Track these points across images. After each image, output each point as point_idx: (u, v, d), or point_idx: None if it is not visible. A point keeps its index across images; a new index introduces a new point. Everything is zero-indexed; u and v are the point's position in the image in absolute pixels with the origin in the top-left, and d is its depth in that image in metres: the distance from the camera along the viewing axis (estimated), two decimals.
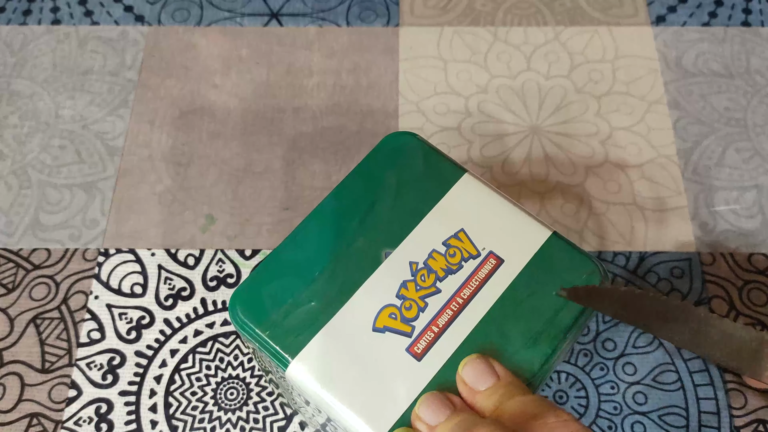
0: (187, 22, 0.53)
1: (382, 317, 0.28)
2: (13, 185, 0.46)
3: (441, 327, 0.28)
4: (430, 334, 0.28)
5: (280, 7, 0.53)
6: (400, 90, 0.49)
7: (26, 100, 0.49)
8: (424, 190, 0.31)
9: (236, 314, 0.28)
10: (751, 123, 0.48)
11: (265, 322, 0.28)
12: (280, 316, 0.28)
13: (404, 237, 0.29)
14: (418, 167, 0.31)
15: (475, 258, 0.29)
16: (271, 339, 0.28)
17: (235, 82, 0.50)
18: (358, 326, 0.28)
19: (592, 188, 0.46)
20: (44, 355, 0.41)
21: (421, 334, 0.27)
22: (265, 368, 0.33)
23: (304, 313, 0.28)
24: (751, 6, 0.53)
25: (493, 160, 0.47)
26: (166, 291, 0.43)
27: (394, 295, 0.28)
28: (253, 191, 0.46)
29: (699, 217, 0.45)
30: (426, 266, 0.29)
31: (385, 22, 0.53)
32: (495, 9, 0.53)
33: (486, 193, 0.31)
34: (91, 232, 0.45)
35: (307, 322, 0.28)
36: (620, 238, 0.44)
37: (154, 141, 0.48)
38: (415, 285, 0.28)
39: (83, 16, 0.53)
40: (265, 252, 0.44)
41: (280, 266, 0.29)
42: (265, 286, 0.29)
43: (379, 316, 0.28)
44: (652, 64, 0.50)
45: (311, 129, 0.48)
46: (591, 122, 0.48)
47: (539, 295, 0.28)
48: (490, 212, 0.30)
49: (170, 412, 0.39)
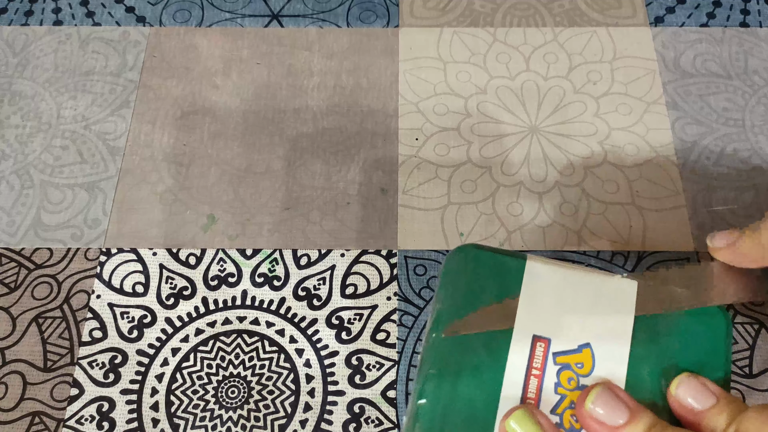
0: (189, 23, 0.53)
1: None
2: (15, 185, 0.46)
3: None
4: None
5: (280, 9, 0.54)
6: (400, 90, 0.50)
7: (28, 100, 0.50)
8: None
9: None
10: (749, 123, 0.48)
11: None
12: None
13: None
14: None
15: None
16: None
17: (236, 83, 0.50)
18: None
19: (591, 188, 0.46)
20: (46, 353, 0.41)
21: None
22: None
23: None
24: (749, 7, 0.53)
25: (492, 160, 0.47)
26: (168, 290, 0.43)
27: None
28: (254, 191, 0.46)
29: (697, 217, 0.45)
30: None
31: (385, 23, 0.53)
32: (494, 10, 0.53)
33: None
34: (93, 231, 0.45)
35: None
36: (618, 238, 0.44)
37: (156, 141, 0.48)
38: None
39: (85, 17, 0.53)
40: (265, 252, 0.44)
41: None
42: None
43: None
44: (651, 65, 0.51)
45: (312, 129, 0.48)
46: (590, 122, 0.48)
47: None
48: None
49: (172, 411, 0.40)
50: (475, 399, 0.28)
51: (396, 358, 0.41)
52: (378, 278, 0.43)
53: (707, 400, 0.26)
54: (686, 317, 0.30)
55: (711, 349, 0.29)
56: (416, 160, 0.47)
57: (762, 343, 0.41)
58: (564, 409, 0.28)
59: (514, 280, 0.31)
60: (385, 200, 0.46)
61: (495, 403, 0.28)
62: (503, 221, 0.45)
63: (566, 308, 0.30)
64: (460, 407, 0.29)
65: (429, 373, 0.29)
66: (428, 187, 0.46)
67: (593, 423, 0.26)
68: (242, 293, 0.43)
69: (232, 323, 0.42)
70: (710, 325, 0.30)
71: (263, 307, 0.42)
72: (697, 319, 0.30)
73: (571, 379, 0.29)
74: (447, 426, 0.28)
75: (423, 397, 0.29)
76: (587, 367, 0.29)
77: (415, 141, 0.48)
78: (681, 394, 0.27)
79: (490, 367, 0.29)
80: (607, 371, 0.28)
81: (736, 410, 0.25)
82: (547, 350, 0.29)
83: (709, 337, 0.30)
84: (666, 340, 0.29)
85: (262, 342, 0.41)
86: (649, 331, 0.29)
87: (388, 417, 0.39)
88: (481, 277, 0.31)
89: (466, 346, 0.29)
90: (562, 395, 0.28)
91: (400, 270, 0.43)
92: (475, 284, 0.31)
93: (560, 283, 0.30)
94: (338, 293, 0.43)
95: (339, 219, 0.45)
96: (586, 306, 0.30)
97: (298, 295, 0.43)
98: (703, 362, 0.29)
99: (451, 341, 0.30)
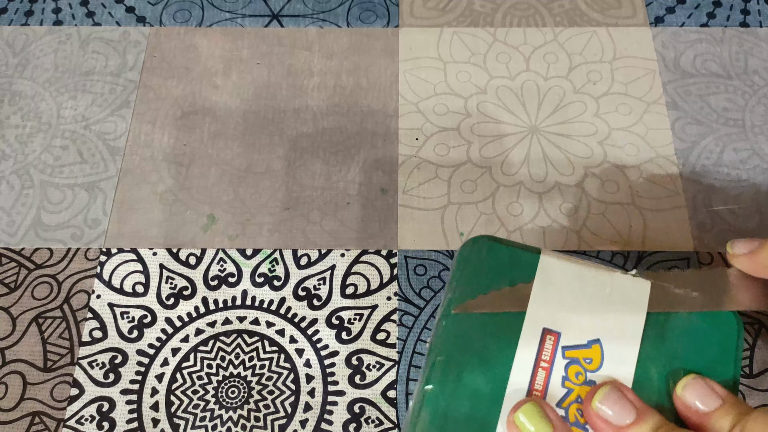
0: (189, 23, 0.53)
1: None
2: (15, 185, 0.46)
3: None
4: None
5: (280, 8, 0.54)
6: (400, 90, 0.50)
7: (28, 100, 0.50)
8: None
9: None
10: (749, 123, 0.48)
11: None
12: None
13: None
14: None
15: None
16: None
17: (236, 83, 0.50)
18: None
19: (591, 188, 0.46)
20: (46, 353, 0.41)
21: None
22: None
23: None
24: (749, 7, 0.53)
25: (492, 160, 0.47)
26: (168, 290, 0.43)
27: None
28: (254, 191, 0.46)
29: (697, 216, 0.45)
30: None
31: (385, 23, 0.53)
32: (494, 10, 0.53)
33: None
34: (93, 231, 0.45)
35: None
36: (618, 238, 0.44)
37: (156, 141, 0.48)
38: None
39: (85, 17, 0.53)
40: (265, 252, 0.44)
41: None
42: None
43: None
44: (651, 65, 0.51)
45: (312, 129, 0.48)
46: (589, 122, 0.48)
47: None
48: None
49: (172, 411, 0.40)
50: (482, 388, 0.29)
51: (396, 358, 0.41)
52: (378, 278, 0.43)
53: (713, 402, 0.26)
54: (698, 319, 0.30)
55: (721, 351, 0.29)
56: (416, 160, 0.47)
57: (762, 343, 0.41)
58: (570, 403, 0.28)
59: (527, 272, 0.31)
60: (385, 200, 0.46)
61: (501, 393, 0.28)
62: (503, 221, 0.45)
63: (578, 303, 0.30)
64: (466, 395, 0.29)
65: (437, 360, 0.30)
66: (428, 187, 0.46)
67: (600, 422, 0.26)
68: (242, 293, 0.43)
69: (232, 323, 0.42)
70: (721, 328, 0.30)
71: (263, 307, 0.42)
72: (709, 322, 0.30)
73: (579, 373, 0.29)
74: (452, 412, 0.28)
75: (430, 383, 0.29)
76: (596, 362, 0.29)
77: (415, 141, 0.48)
78: (687, 396, 0.27)
79: (499, 357, 0.29)
80: (616, 368, 0.29)
81: (742, 412, 0.25)
82: (557, 344, 0.29)
83: (719, 339, 0.30)
84: (676, 340, 0.29)
85: (262, 342, 0.41)
86: (659, 331, 0.29)
87: (389, 417, 0.39)
88: (494, 268, 0.31)
89: (475, 335, 0.30)
90: (569, 389, 0.28)
91: (400, 270, 0.43)
92: (488, 275, 0.31)
93: (573, 278, 0.30)
94: (338, 293, 0.43)
95: (339, 219, 0.45)
96: (598, 302, 0.30)
97: (298, 295, 0.43)
98: (713, 365, 0.29)
99: (461, 329, 0.30)
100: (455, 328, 0.30)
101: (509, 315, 0.30)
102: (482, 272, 0.32)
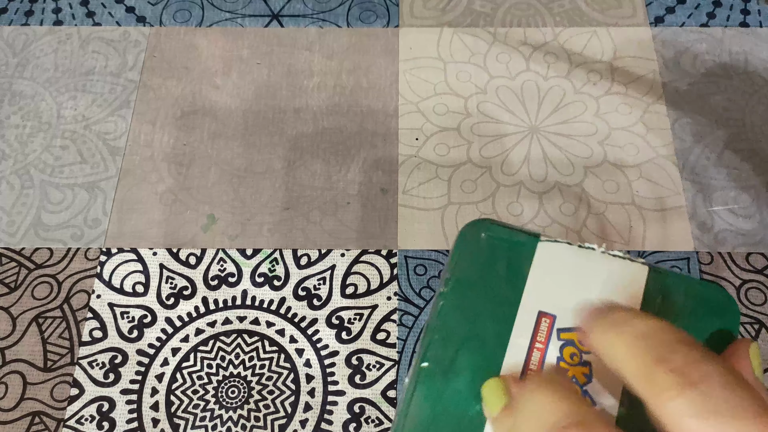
0: (189, 23, 0.53)
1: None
2: (16, 185, 0.46)
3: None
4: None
5: (280, 8, 0.54)
6: (400, 90, 0.50)
7: (28, 100, 0.50)
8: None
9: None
10: (749, 123, 0.48)
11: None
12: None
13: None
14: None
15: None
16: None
17: (236, 83, 0.50)
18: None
19: (591, 188, 0.46)
20: (46, 353, 0.41)
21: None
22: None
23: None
24: (749, 7, 0.53)
25: (492, 160, 0.47)
26: (168, 290, 0.43)
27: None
28: (254, 191, 0.46)
29: (697, 216, 0.45)
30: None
31: (385, 23, 0.53)
32: (494, 10, 0.53)
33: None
34: (93, 231, 0.45)
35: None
36: (618, 238, 0.44)
37: (156, 141, 0.48)
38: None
39: (85, 17, 0.53)
40: (265, 251, 0.44)
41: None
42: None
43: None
44: (651, 65, 0.51)
45: (312, 129, 0.48)
46: (590, 122, 0.48)
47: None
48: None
49: (172, 410, 0.40)
50: (478, 367, 0.29)
51: (396, 357, 0.41)
52: (378, 278, 0.43)
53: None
54: (695, 303, 0.31)
55: (718, 335, 0.30)
56: (416, 160, 0.47)
57: (762, 343, 0.41)
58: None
59: (526, 256, 0.32)
60: (385, 200, 0.46)
61: (497, 372, 0.29)
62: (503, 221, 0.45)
63: (575, 287, 0.31)
64: (462, 373, 0.29)
65: (434, 339, 0.31)
66: (428, 187, 0.46)
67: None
68: (242, 293, 0.43)
69: (232, 323, 0.42)
70: (718, 311, 0.30)
71: (263, 307, 0.42)
72: (706, 306, 0.30)
73: (573, 354, 0.29)
74: (448, 391, 0.29)
75: (426, 361, 0.30)
76: None
77: (415, 141, 0.48)
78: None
79: (494, 338, 0.30)
80: None
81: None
82: (552, 326, 0.30)
83: (716, 323, 0.30)
84: (672, 323, 0.30)
85: (262, 342, 0.41)
86: (655, 314, 0.30)
87: (389, 417, 0.39)
88: (493, 250, 0.32)
89: (471, 316, 0.30)
90: (564, 369, 0.29)
91: (400, 270, 0.43)
92: (487, 257, 0.32)
93: (572, 262, 0.31)
94: (338, 293, 0.43)
95: (339, 219, 0.45)
96: (595, 286, 0.31)
97: (298, 295, 0.43)
98: (709, 348, 0.29)
99: (458, 309, 0.31)
100: (452, 307, 0.31)
101: (506, 297, 0.31)
102: (481, 254, 0.33)
